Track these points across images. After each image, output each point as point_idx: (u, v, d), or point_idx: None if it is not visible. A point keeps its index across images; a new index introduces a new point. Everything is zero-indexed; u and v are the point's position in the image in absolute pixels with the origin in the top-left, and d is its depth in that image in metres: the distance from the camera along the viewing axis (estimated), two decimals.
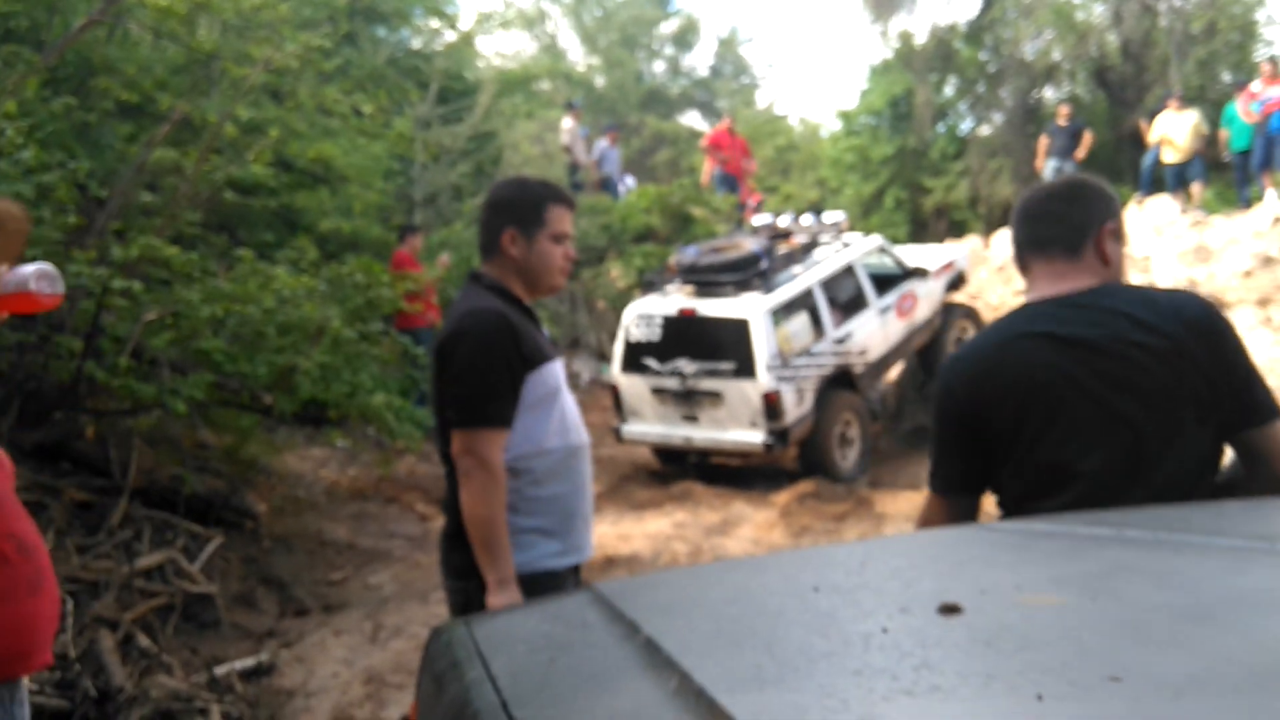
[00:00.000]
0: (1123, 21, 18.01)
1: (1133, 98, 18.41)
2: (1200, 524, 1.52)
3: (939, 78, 22.36)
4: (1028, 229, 2.12)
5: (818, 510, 8.06)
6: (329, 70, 8.75)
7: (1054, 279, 2.04)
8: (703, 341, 8.65)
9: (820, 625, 1.07)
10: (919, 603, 1.08)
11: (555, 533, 2.67)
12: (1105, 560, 1.29)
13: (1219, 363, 1.93)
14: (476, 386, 2.54)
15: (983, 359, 2.06)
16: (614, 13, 27.99)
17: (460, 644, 1.26)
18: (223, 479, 6.61)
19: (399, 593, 6.28)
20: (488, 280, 2.71)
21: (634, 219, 14.93)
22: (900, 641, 0.97)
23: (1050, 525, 1.54)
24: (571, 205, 2.82)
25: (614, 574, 6.69)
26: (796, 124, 30.87)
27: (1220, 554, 1.28)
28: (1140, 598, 1.09)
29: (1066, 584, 1.16)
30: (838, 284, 9.49)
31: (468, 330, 2.57)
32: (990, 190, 19.15)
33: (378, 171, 10.31)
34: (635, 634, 1.09)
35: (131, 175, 6.46)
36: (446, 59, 13.38)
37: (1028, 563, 1.33)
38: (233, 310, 6.00)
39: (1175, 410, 1.92)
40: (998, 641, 0.96)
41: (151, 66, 7.84)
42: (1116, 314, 1.96)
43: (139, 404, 5.70)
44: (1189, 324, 1.93)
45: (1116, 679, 0.83)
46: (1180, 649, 0.91)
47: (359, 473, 8.49)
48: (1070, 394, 1.94)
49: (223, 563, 5.96)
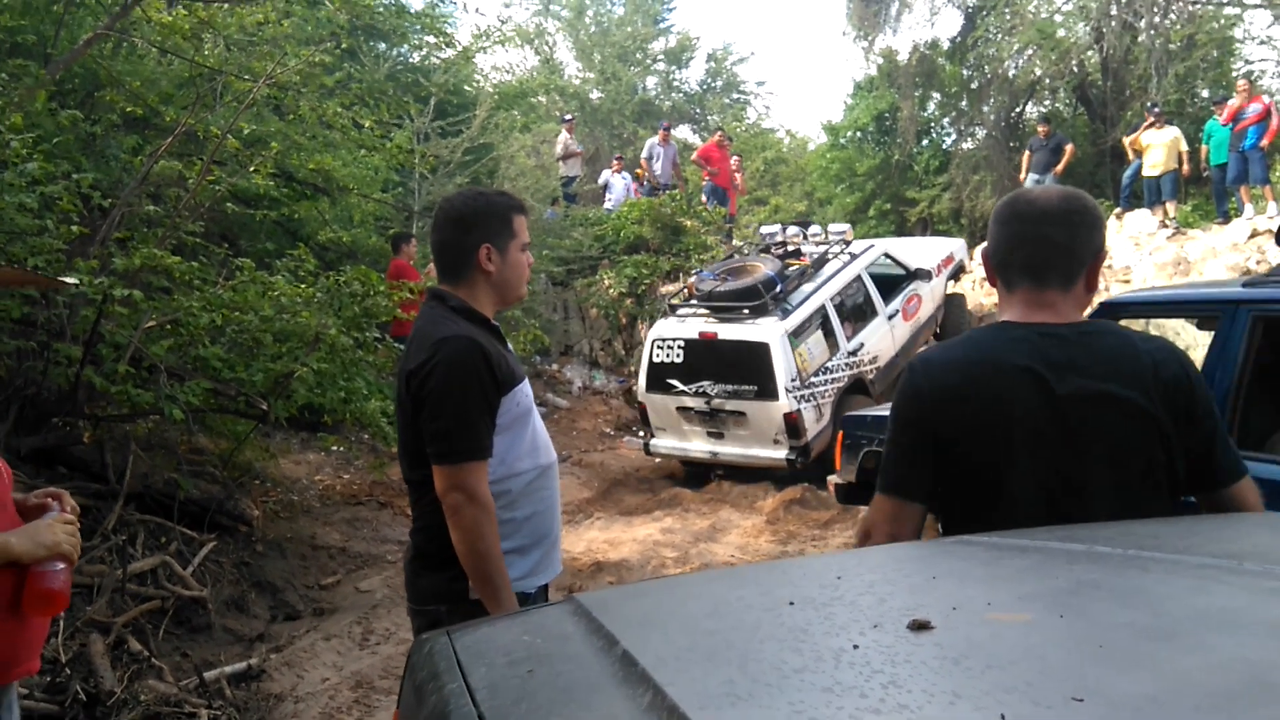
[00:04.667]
0: (1103, 39, 17.94)
1: (1113, 114, 18.49)
2: (1170, 541, 1.51)
3: (923, 94, 22.48)
4: (1022, 252, 1.95)
5: (804, 517, 8.04)
6: (330, 85, 8.70)
7: (1039, 306, 1.94)
8: (724, 363, 8.88)
9: (794, 640, 1.05)
10: (891, 618, 1.08)
11: (529, 554, 2.58)
12: (1074, 577, 1.27)
13: (1185, 427, 1.87)
14: (456, 420, 2.41)
15: (954, 373, 1.93)
16: (610, 29, 27.99)
17: (441, 654, 1.24)
18: (218, 484, 6.52)
19: (390, 598, 6.20)
20: (453, 301, 2.56)
21: (626, 230, 14.93)
22: (871, 658, 0.96)
23: (1024, 540, 1.52)
24: (528, 212, 2.73)
25: (602, 579, 6.66)
26: (784, 138, 31.01)
27: (1187, 572, 1.27)
28: (1105, 616, 1.08)
29: (1035, 601, 1.16)
30: (848, 297, 9.64)
31: (441, 360, 2.41)
32: (973, 203, 19.34)
33: (377, 183, 10.25)
34: (613, 647, 1.07)
35: (135, 186, 6.38)
36: (445, 74, 13.31)
37: (999, 578, 1.33)
38: (231, 318, 5.94)
39: (1125, 466, 1.86)
40: (965, 660, 0.95)
41: (157, 80, 7.76)
42: (1095, 359, 1.87)
43: (137, 410, 5.61)
44: (1163, 384, 1.86)
45: (1079, 700, 0.83)
46: (1142, 669, 0.91)
47: (353, 477, 8.41)
48: (1026, 433, 1.86)
49: (215, 567, 5.87)
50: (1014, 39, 19.28)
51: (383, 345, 6.86)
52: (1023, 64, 19.78)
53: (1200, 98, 17.76)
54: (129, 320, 5.73)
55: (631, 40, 27.65)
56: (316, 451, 8.51)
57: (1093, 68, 19.14)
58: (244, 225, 9.03)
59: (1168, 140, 13.17)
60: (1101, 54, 18.36)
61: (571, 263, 14.65)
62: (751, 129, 29.66)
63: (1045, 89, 20.62)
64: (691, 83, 29.73)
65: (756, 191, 24.04)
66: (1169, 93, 16.82)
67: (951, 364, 1.95)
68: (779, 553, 7.29)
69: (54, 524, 2.23)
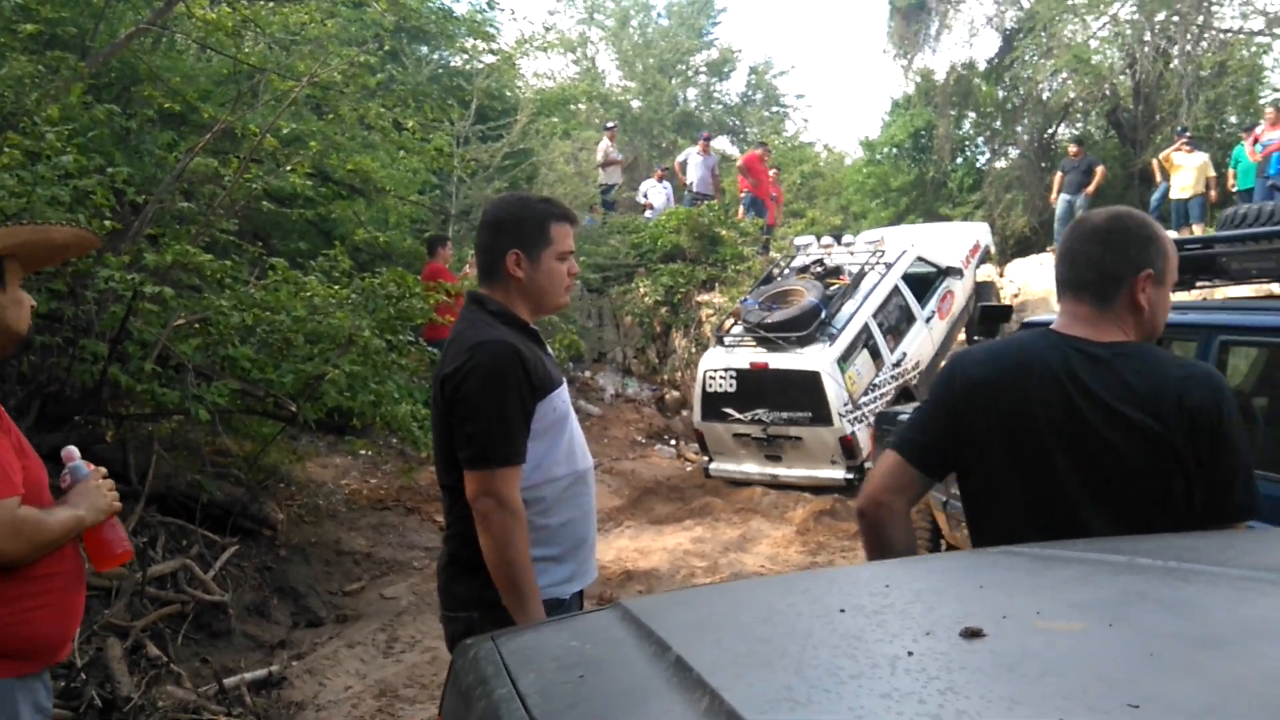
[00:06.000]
0: (1136, 64, 18.13)
1: (1143, 137, 18.64)
2: (1208, 554, 1.52)
3: (958, 113, 22.77)
4: (1064, 267, 2.03)
5: (834, 528, 8.01)
6: (373, 85, 8.57)
7: (1079, 321, 1.98)
8: (777, 392, 9.14)
9: (848, 647, 1.05)
10: (942, 626, 1.07)
11: (565, 560, 2.53)
12: (1119, 587, 1.29)
13: (1206, 460, 1.84)
14: (490, 425, 2.35)
15: (990, 368, 1.99)
16: (653, 40, 27.90)
17: (488, 659, 1.23)
18: (242, 486, 6.37)
19: (415, 605, 6.05)
20: (492, 305, 2.52)
21: (663, 239, 14.83)
22: (926, 665, 0.95)
23: (1065, 550, 1.53)
24: (574, 221, 2.64)
25: (631, 588, 6.58)
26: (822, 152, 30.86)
27: (1229, 583, 1.28)
28: (1154, 625, 1.09)
29: (1084, 610, 1.16)
30: (888, 309, 9.83)
31: (477, 365, 2.36)
32: (1005, 221, 19.32)
33: (414, 185, 10.12)
34: (665, 652, 1.07)
35: (170, 182, 6.24)
36: (487, 78, 13.20)
37: (1045, 588, 1.33)
38: (262, 318, 5.80)
39: (1132, 488, 1.85)
40: (1020, 667, 0.96)
41: (195, 77, 7.66)
42: (1118, 380, 1.88)
43: (161, 409, 5.47)
44: (1187, 411, 1.83)
45: (1135, 706, 0.82)
46: (1194, 677, 0.91)
47: (380, 482, 8.26)
48: (1041, 439, 1.89)
49: (237, 571, 5.74)
50: (1049, 62, 19.46)
51: (415, 348, 6.69)
52: (1057, 87, 20.01)
53: (1229, 124, 17.91)
54: (158, 318, 5.60)
55: (674, 51, 27.55)
56: (344, 455, 8.36)
57: (1125, 92, 19.33)
58: (277, 224, 8.92)
59: (1196, 164, 13.33)
60: (1134, 79, 18.53)
61: (608, 270, 14.60)
62: (790, 142, 29.47)
63: (1078, 111, 20.79)
64: (732, 95, 29.71)
65: (793, 204, 23.92)
66: (1199, 118, 16.92)
67: (989, 360, 2.01)
68: (809, 563, 7.23)
69: (100, 485, 2.31)
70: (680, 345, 14.17)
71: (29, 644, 2.14)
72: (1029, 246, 17.46)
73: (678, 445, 11.97)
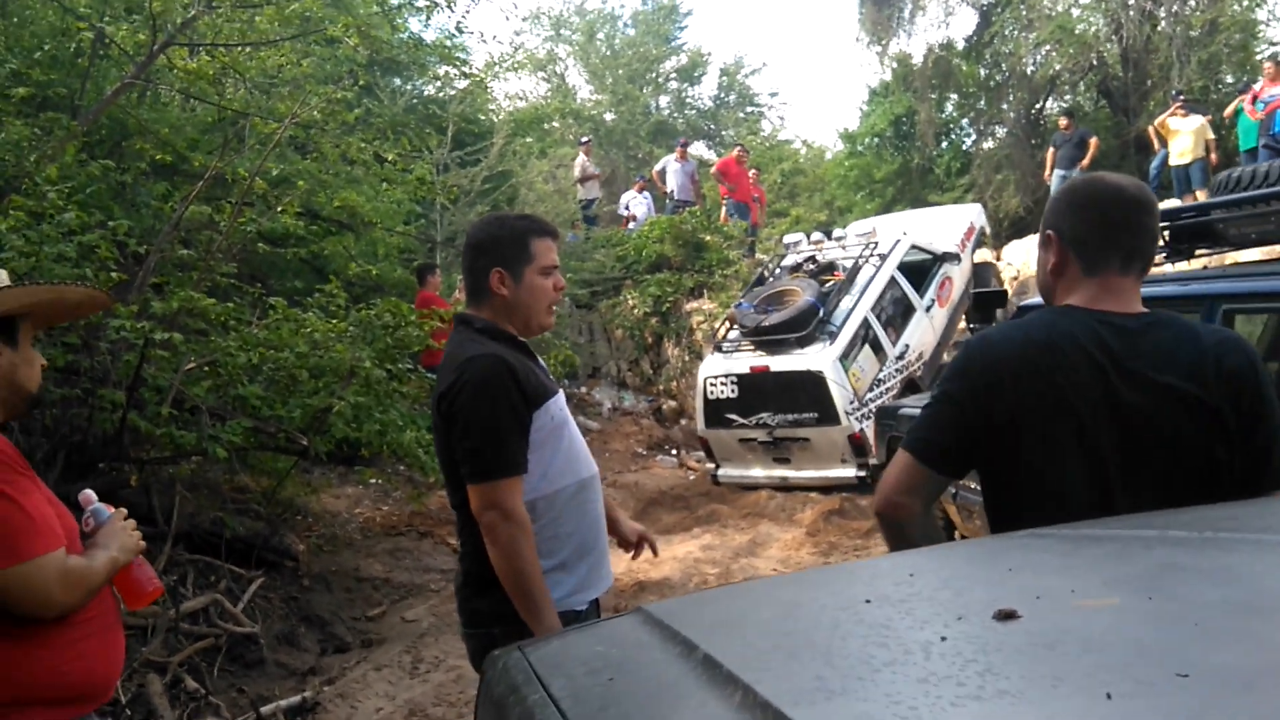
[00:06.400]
0: (1122, 29, 17.51)
1: (1135, 105, 18.07)
2: (1249, 522, 1.48)
3: (940, 95, 22.08)
4: (1117, 237, 1.91)
5: (844, 527, 7.97)
6: (351, 121, 8.77)
7: (1111, 293, 1.90)
8: (780, 394, 9.00)
9: (878, 636, 1.03)
10: (974, 610, 1.05)
11: (574, 569, 2.55)
12: (1155, 561, 1.26)
13: (1246, 420, 1.81)
14: (486, 437, 2.39)
15: (1011, 356, 1.87)
16: (621, 51, 28.05)
17: (517, 668, 1.23)
18: (262, 521, 6.53)
19: (436, 625, 6.18)
20: (479, 323, 2.56)
21: (647, 249, 14.90)
22: (961, 648, 0.93)
23: (1094, 529, 1.50)
24: (555, 235, 2.67)
25: (645, 597, 6.58)
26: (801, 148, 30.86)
27: (1271, 549, 1.24)
28: (1196, 595, 1.06)
29: (1120, 585, 1.13)
30: (886, 302, 9.66)
31: (468, 380, 2.40)
32: (998, 203, 18.81)
33: (399, 215, 10.29)
34: (692, 651, 1.05)
35: (168, 231, 6.42)
36: (461, 104, 13.38)
37: (1077, 567, 1.30)
38: (268, 356, 5.96)
39: (1180, 460, 1.80)
40: (1059, 645, 0.93)
41: (183, 126, 7.84)
42: (1155, 350, 1.83)
43: (180, 451, 5.63)
44: (1227, 375, 1.80)
45: (1184, 675, 0.81)
46: (1245, 643, 0.89)
47: (392, 509, 8.40)
48: (1081, 421, 1.81)
49: (264, 602, 5.88)
50: (1031, 35, 18.87)
51: (415, 376, 6.87)
52: (1041, 60, 19.33)
53: (1225, 83, 17.20)
54: (169, 363, 5.76)
55: (642, 60, 27.69)
56: (355, 485, 8.51)
57: (1113, 59, 18.61)
58: (273, 265, 9.08)
59: (1194, 128, 12.86)
60: (1121, 45, 17.87)
61: (594, 284, 14.63)
62: (767, 141, 29.56)
63: (1065, 83, 20.09)
64: (705, 99, 29.78)
65: (776, 204, 23.96)
66: (1192, 80, 16.31)
67: (1010, 346, 1.89)
68: (822, 564, 7.18)
69: (125, 526, 2.35)
70: (673, 355, 14.18)
71: (79, 688, 2.17)
72: (1024, 227, 16.95)
73: (679, 455, 11.94)
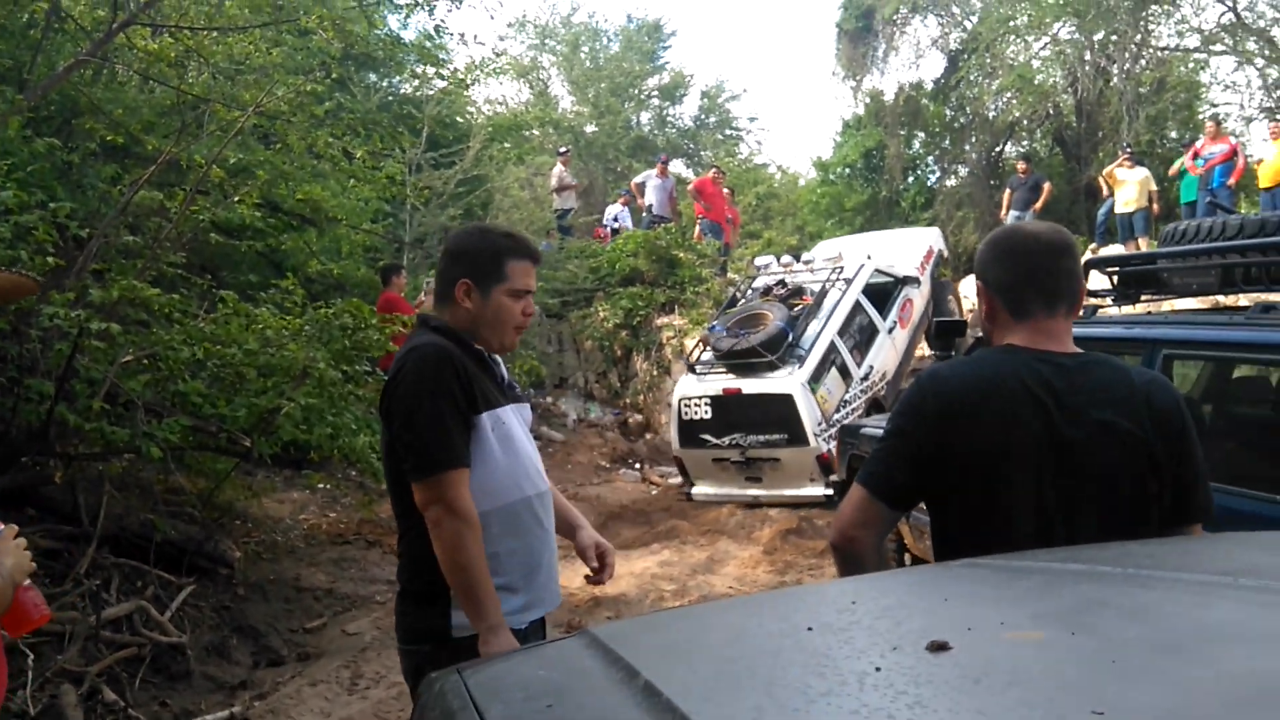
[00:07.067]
0: (1078, 83, 18.71)
1: (1087, 154, 19.35)
2: (1167, 560, 1.57)
3: (908, 132, 23.46)
4: (1039, 282, 2.02)
5: (800, 546, 8.03)
6: (320, 114, 8.53)
7: (1045, 335, 2.00)
8: (751, 416, 9.34)
9: (816, 665, 1.06)
10: (909, 640, 1.08)
11: (518, 589, 2.45)
12: (1081, 595, 1.31)
13: (1174, 457, 1.92)
14: (429, 430, 2.31)
15: (962, 392, 1.97)
16: (604, 65, 28.04)
17: (454, 693, 1.21)
18: (196, 525, 6.26)
19: (379, 640, 5.95)
20: (434, 323, 2.51)
21: (621, 262, 14.87)
22: (894, 680, 0.96)
23: (1027, 561, 1.56)
24: (536, 259, 2.59)
25: (600, 615, 6.53)
26: (776, 173, 31.15)
27: (1187, 589, 1.31)
28: (1115, 632, 1.11)
29: (1047, 620, 1.17)
30: (851, 325, 10.05)
31: (407, 369, 2.36)
32: (957, 238, 19.72)
33: (366, 214, 10.07)
34: (634, 678, 1.06)
35: (114, 216, 6.15)
36: (438, 105, 13.18)
37: (1009, 599, 1.35)
38: (213, 352, 5.72)
39: (1118, 493, 1.90)
40: (986, 678, 0.97)
41: (138, 108, 7.57)
42: (1093, 388, 1.94)
43: (111, 448, 5.37)
44: (1157, 413, 1.92)
45: (1099, 713, 0.83)
46: (1156, 682, 0.94)
47: (340, 515, 8.16)
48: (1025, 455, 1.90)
49: (194, 611, 5.64)
50: (994, 82, 20.14)
51: (373, 379, 6.62)
52: (1002, 106, 20.69)
53: (1170, 139, 18.59)
54: (105, 355, 5.49)
55: (625, 76, 27.70)
56: (301, 489, 8.25)
57: (1068, 110, 20.00)
58: (227, 256, 8.83)
59: (1138, 179, 13.82)
60: (1076, 97, 19.17)
61: (566, 294, 14.60)
62: (744, 164, 29.69)
63: (1023, 130, 21.57)
64: (685, 118, 29.84)
65: (749, 225, 24.09)
66: (1140, 134, 17.49)
67: (960, 382, 2.00)
68: (777, 583, 7.23)
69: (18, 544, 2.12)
70: (642, 368, 14.20)
71: None
72: None
73: (642, 469, 11.97)
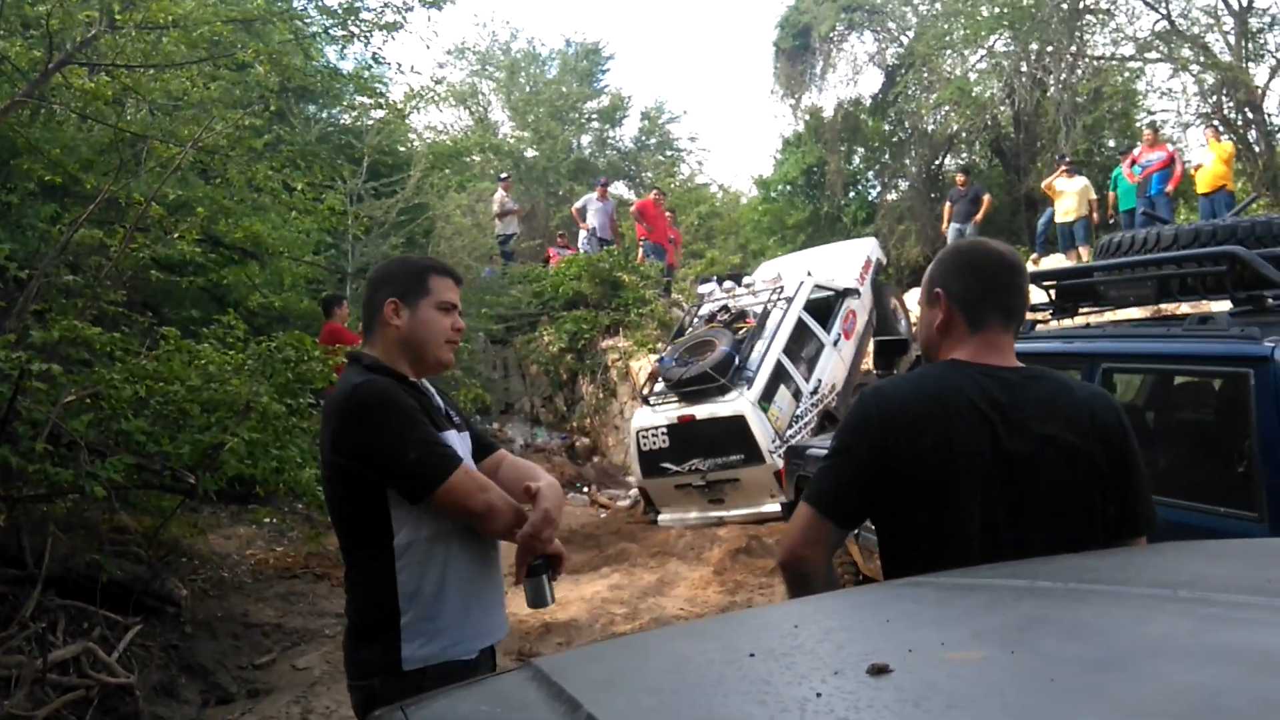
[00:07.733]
0: (1015, 94, 18.93)
1: (1025, 164, 19.46)
2: (1108, 574, 1.58)
3: (848, 148, 23.50)
4: (998, 297, 2.06)
5: (750, 565, 8.10)
6: (259, 148, 8.55)
7: (994, 349, 2.03)
8: (708, 440, 9.62)
9: (757, 693, 1.05)
10: (850, 664, 1.08)
11: (458, 621, 2.43)
12: (1021, 613, 1.31)
13: (1117, 470, 1.95)
14: (417, 449, 2.34)
15: (906, 407, 1.97)
16: (543, 89, 28.18)
17: None
18: (142, 564, 6.22)
19: (329, 674, 5.97)
20: (367, 360, 2.50)
21: (565, 286, 14.95)
22: (834, 705, 0.96)
23: (970, 579, 1.56)
24: (456, 278, 2.64)
25: (551, 641, 6.57)
26: (718, 192, 31.40)
27: (1127, 603, 1.31)
28: (1055, 650, 1.11)
29: (987, 639, 1.18)
30: (796, 342, 10.30)
31: (363, 401, 2.35)
32: (900, 252, 19.94)
33: (308, 245, 10.07)
34: (576, 711, 1.05)
35: (54, 256, 6.15)
36: (378, 135, 13.21)
37: (950, 619, 1.35)
38: (156, 389, 5.71)
39: (1063, 506, 1.92)
40: (925, 701, 0.96)
41: (77, 147, 7.53)
42: (1037, 402, 1.96)
43: (55, 489, 5.36)
44: (1100, 427, 1.95)
45: None
46: (1095, 701, 0.93)
47: (287, 549, 8.13)
48: (970, 470, 1.91)
49: (142, 651, 5.60)
50: (932, 96, 20.29)
51: (316, 411, 6.65)
52: (940, 119, 20.80)
53: (1108, 147, 18.66)
54: (47, 395, 5.46)
55: (565, 99, 27.85)
56: (247, 525, 8.21)
57: (1006, 121, 20.14)
58: (168, 293, 8.78)
59: (1077, 189, 13.95)
60: (1014, 108, 19.38)
61: (510, 320, 14.63)
62: (685, 184, 29.94)
63: (962, 142, 21.60)
64: (626, 140, 30.00)
65: (692, 245, 24.30)
66: (1078, 143, 17.59)
67: (904, 399, 1.99)
68: (728, 603, 7.29)
69: None
70: (588, 392, 14.27)
71: None
72: None
73: (590, 492, 12.03)
